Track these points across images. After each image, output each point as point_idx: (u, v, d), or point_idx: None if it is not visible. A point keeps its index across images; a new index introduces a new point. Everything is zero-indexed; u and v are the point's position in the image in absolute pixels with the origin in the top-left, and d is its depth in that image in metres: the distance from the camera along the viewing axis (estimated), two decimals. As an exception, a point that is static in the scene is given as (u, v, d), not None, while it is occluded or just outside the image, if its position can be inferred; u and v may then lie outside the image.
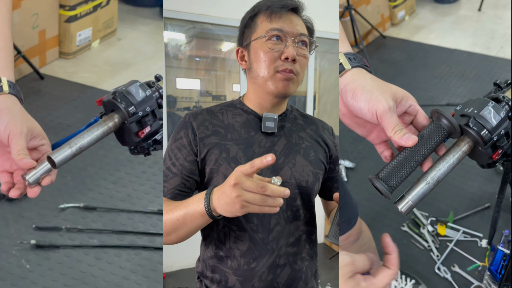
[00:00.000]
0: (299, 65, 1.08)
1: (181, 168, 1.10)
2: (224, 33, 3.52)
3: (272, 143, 1.12)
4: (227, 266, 1.09)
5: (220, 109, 1.17)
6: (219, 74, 3.73)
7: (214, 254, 1.11)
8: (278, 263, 1.09)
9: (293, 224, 1.11)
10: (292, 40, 1.07)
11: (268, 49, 1.07)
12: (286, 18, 1.09)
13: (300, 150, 1.14)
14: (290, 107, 1.20)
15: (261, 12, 1.11)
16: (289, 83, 1.08)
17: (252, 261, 1.08)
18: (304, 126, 1.19)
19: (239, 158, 1.08)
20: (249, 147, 1.10)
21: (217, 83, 3.75)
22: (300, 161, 1.12)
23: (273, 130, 1.11)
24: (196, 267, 1.18)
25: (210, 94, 3.73)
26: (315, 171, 1.14)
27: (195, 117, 1.13)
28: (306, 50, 1.11)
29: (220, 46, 3.66)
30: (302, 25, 1.11)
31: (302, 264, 1.13)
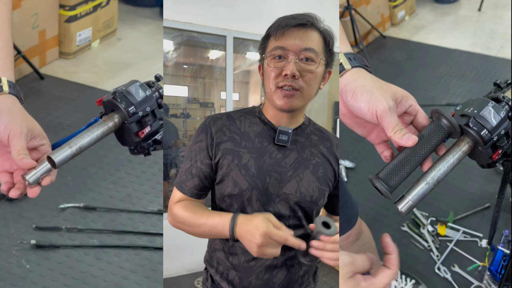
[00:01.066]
0: (304, 80, 1.10)
1: (199, 171, 1.15)
2: (210, 41, 3.53)
3: (283, 156, 1.15)
4: (229, 261, 1.17)
5: (239, 115, 1.20)
6: (207, 81, 3.73)
7: (221, 247, 1.18)
8: (275, 265, 1.15)
9: (292, 229, 1.13)
10: (294, 56, 1.10)
11: (272, 67, 1.12)
12: (290, 35, 1.11)
13: (310, 165, 1.16)
14: (307, 121, 1.23)
15: (271, 32, 1.15)
16: (290, 99, 1.10)
17: (251, 259, 1.14)
18: (318, 142, 1.21)
19: (250, 166, 1.12)
20: (260, 156, 1.14)
21: (204, 90, 3.76)
22: (308, 177, 1.15)
23: (286, 143, 1.15)
24: (205, 256, 1.25)
25: (197, 102, 3.75)
26: (321, 188, 1.17)
27: (215, 121, 1.18)
28: (312, 64, 1.11)
29: (208, 54, 3.66)
30: (310, 40, 1.12)
31: (299, 268, 1.17)
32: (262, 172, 1.12)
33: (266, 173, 1.12)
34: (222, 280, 1.18)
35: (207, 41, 3.52)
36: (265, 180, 1.12)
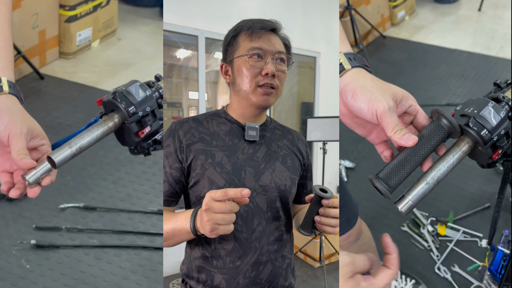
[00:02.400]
0: (278, 79, 1.19)
1: (168, 176, 1.18)
2: (181, 40, 3.52)
3: (254, 150, 1.21)
4: (212, 265, 1.17)
5: (205, 117, 1.25)
6: (175, 81, 3.72)
7: (200, 254, 1.18)
8: (260, 261, 1.17)
9: (273, 224, 1.20)
10: (271, 57, 1.18)
11: (250, 66, 1.18)
12: (265, 38, 1.20)
13: (279, 157, 1.24)
14: (269, 119, 1.31)
15: (242, 32, 1.22)
16: (269, 97, 1.18)
17: (237, 259, 1.16)
18: (282, 136, 1.29)
19: (224, 163, 1.16)
20: (233, 153, 1.19)
21: (173, 90, 3.74)
22: (279, 167, 1.22)
23: (255, 138, 1.22)
24: (181, 270, 1.25)
25: (165, 101, 3.72)
26: (292, 177, 1.24)
27: (181, 125, 1.21)
28: (284, 65, 1.22)
29: (176, 53, 3.65)
30: (280, 43, 1.23)
31: (282, 262, 1.21)
32: (236, 168, 1.17)
33: (240, 168, 1.17)
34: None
35: (178, 40, 3.52)
36: (241, 175, 1.16)
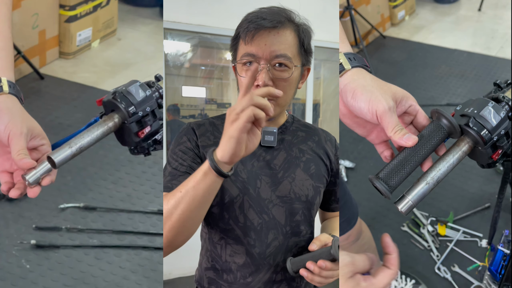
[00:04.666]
0: (278, 88, 1.02)
1: (190, 168, 1.06)
2: (223, 42, 3.52)
3: (271, 157, 1.10)
4: (223, 279, 1.08)
5: (221, 122, 1.15)
6: (224, 82, 3.73)
7: (210, 266, 1.11)
8: (274, 279, 1.07)
9: (292, 240, 1.09)
10: (265, 64, 1.02)
11: (243, 76, 1.06)
12: (260, 39, 1.03)
13: (300, 163, 1.11)
14: (291, 118, 1.18)
15: (241, 32, 1.07)
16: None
17: (248, 275, 1.07)
18: (305, 138, 1.16)
19: (239, 170, 1.07)
20: (248, 160, 1.09)
21: (221, 91, 3.75)
22: (300, 175, 1.10)
23: (273, 144, 1.09)
24: (195, 275, 1.18)
25: (215, 102, 3.72)
26: (316, 185, 1.12)
27: (198, 127, 1.13)
28: (286, 70, 1.04)
29: (224, 55, 3.65)
30: (283, 43, 1.04)
31: (300, 282, 1.11)
32: (252, 176, 1.06)
33: (255, 177, 1.07)
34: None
35: (219, 42, 3.51)
36: (256, 185, 1.06)
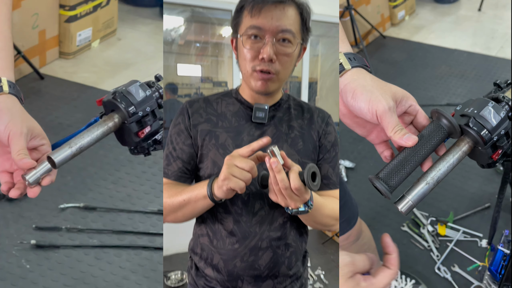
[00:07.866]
0: (280, 63, 1.08)
1: (181, 152, 1.15)
2: (224, 17, 3.37)
3: (261, 132, 1.14)
4: (213, 245, 1.15)
5: (216, 98, 1.20)
6: (219, 60, 3.59)
7: (205, 232, 1.17)
8: (260, 246, 1.12)
9: (278, 210, 1.13)
10: (271, 38, 1.05)
11: (248, 48, 1.08)
12: (267, 13, 1.05)
13: (288, 139, 1.14)
14: (286, 97, 1.20)
15: (246, 5, 1.09)
16: (267, 83, 1.09)
17: (235, 242, 1.12)
18: (297, 115, 1.18)
19: (228, 145, 1.12)
20: (238, 135, 1.13)
21: (217, 69, 3.61)
22: (287, 150, 1.12)
23: (263, 120, 1.13)
24: (189, 244, 1.24)
25: (211, 81, 3.60)
26: (302, 161, 1.13)
27: (191, 104, 1.18)
28: (289, 47, 1.08)
29: (220, 31, 3.51)
30: (288, 18, 1.07)
31: (285, 250, 1.15)
32: None
33: None
34: (206, 266, 1.17)
35: (212, 17, 3.39)
36: None
